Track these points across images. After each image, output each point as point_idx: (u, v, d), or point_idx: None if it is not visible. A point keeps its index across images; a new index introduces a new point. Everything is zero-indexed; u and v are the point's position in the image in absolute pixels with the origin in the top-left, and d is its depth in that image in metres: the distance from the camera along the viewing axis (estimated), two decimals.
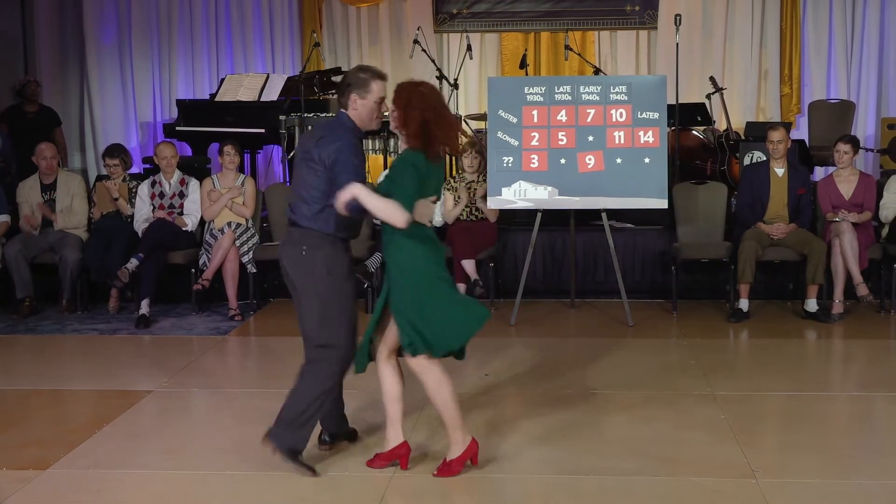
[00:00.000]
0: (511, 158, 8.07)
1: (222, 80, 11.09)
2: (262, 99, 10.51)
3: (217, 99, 10.76)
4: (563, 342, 7.23)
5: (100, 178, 9.43)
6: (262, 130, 10.39)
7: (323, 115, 10.19)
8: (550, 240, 9.01)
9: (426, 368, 4.83)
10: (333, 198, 4.72)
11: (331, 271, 4.95)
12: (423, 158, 4.77)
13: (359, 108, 4.99)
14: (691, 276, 8.92)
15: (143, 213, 8.74)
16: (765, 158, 8.71)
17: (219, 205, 8.71)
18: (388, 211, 4.62)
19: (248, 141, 10.39)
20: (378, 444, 5.22)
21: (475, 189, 8.60)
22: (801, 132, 11.80)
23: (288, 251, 5.04)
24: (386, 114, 5.00)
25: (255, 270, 8.66)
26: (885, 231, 8.49)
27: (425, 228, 4.83)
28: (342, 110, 5.01)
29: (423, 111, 4.81)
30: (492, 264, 8.64)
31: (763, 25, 12.25)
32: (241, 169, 9.21)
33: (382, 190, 4.77)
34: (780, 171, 8.34)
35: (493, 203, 8.18)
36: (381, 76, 5.10)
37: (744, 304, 8.16)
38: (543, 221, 8.22)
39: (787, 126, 9.74)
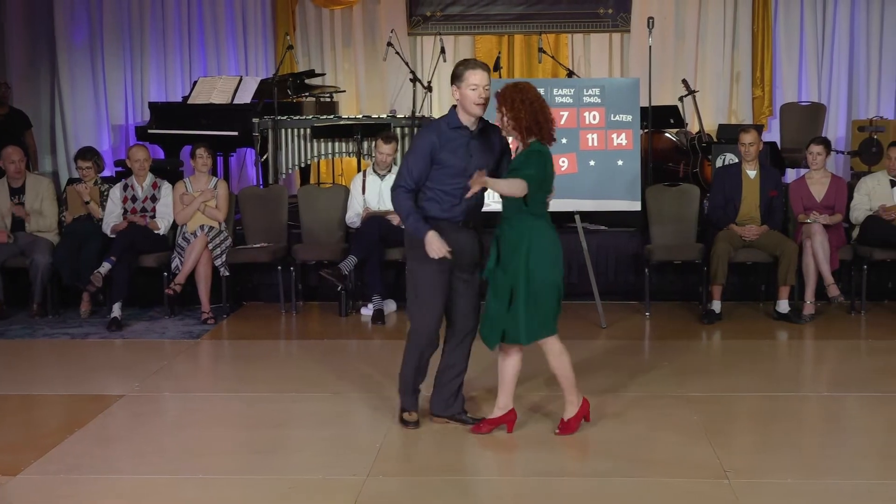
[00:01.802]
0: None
1: (195, 82, 11.04)
2: (235, 101, 10.47)
3: (190, 101, 10.71)
4: (535, 344, 7.21)
5: (71, 181, 9.37)
6: (236, 133, 10.35)
7: (297, 117, 10.16)
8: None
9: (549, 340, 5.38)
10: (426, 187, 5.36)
11: (422, 258, 5.36)
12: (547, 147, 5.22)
13: (459, 98, 5.33)
14: (664, 278, 8.94)
15: (114, 215, 8.69)
16: (737, 160, 8.75)
17: (191, 208, 8.67)
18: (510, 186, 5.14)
19: (221, 144, 10.36)
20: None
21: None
22: (772, 134, 11.87)
23: None
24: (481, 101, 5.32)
25: (228, 274, 8.62)
26: (855, 232, 8.54)
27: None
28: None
29: (530, 105, 5.15)
30: None
31: (735, 28, 12.32)
32: (213, 172, 9.18)
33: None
34: (752, 173, 8.38)
35: None
36: (476, 65, 5.38)
37: (716, 305, 8.19)
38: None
39: (759, 128, 9.75)
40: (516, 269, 5.24)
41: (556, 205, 7.92)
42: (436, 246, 5.28)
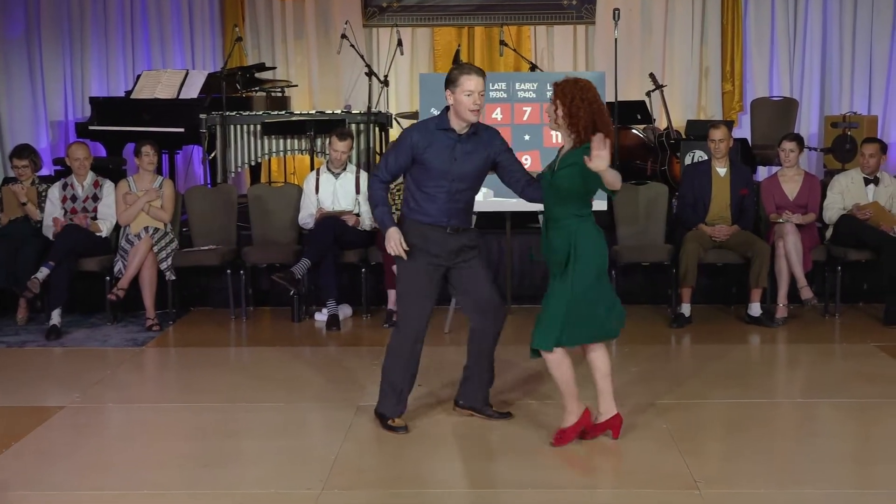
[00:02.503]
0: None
1: (139, 76, 10.99)
2: (181, 96, 10.43)
3: (133, 96, 10.66)
4: (498, 350, 7.21)
5: (7, 180, 9.26)
6: (182, 130, 10.31)
7: (246, 113, 10.13)
8: (485, 244, 9.02)
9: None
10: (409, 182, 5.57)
11: (407, 252, 5.52)
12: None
13: (453, 103, 5.44)
14: (631, 280, 8.99)
15: (53, 216, 8.62)
16: (706, 158, 8.81)
17: (135, 208, 8.62)
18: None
19: (167, 141, 10.30)
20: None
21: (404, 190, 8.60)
22: (743, 130, 11.97)
23: None
24: (476, 107, 5.43)
25: (174, 278, 8.58)
26: (829, 232, 8.63)
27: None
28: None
29: (590, 105, 5.18)
30: None
31: (704, 20, 12.42)
32: (158, 170, 9.11)
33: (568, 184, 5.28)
34: (721, 170, 8.44)
35: None
36: (471, 70, 5.46)
37: (686, 308, 8.25)
38: (478, 224, 8.23)
39: (729, 124, 9.87)
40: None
41: (518, 204, 8.00)
42: (394, 242, 5.48)
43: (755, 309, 8.24)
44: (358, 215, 8.66)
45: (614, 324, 5.47)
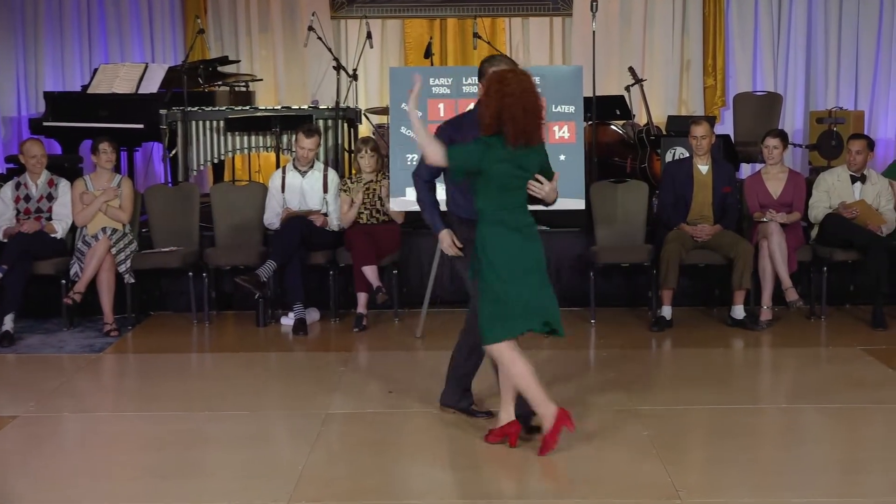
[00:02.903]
0: (416, 156, 8.05)
1: (95, 70, 10.93)
2: (140, 91, 10.38)
3: (90, 91, 10.60)
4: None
5: None
6: (141, 126, 10.26)
7: (209, 108, 10.09)
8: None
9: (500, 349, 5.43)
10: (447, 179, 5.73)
11: (462, 249, 5.74)
12: (493, 142, 5.27)
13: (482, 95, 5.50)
14: (610, 282, 9.01)
15: (4, 217, 8.56)
16: (688, 155, 8.84)
17: (92, 208, 8.57)
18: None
19: (125, 137, 10.24)
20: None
21: (375, 189, 8.59)
22: (725, 126, 12.01)
23: None
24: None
25: (133, 281, 8.53)
26: (814, 232, 8.66)
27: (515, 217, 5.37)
28: None
29: (502, 98, 5.22)
30: (395, 271, 8.64)
31: (685, 12, 12.46)
32: (117, 169, 9.08)
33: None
34: (703, 168, 8.47)
35: (396, 204, 8.17)
36: (500, 62, 5.64)
37: (666, 311, 8.27)
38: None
39: (711, 120, 9.89)
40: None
41: None
42: (446, 244, 5.77)
43: (738, 311, 8.27)
44: (326, 215, 8.65)
45: (520, 323, 5.44)
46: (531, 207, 5.46)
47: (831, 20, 12.27)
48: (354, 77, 10.61)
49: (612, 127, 10.58)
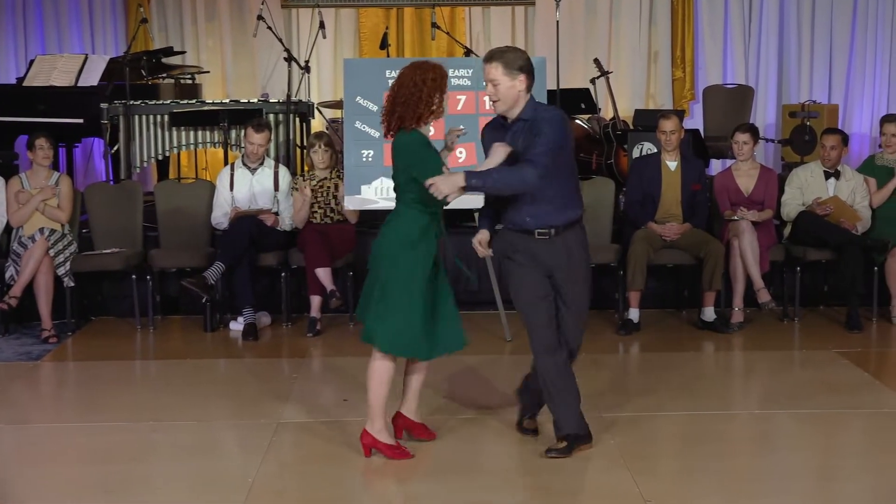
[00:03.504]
0: (371, 152, 8.08)
1: (31, 61, 10.85)
2: (79, 84, 10.31)
3: (25, 84, 10.51)
4: (431, 360, 7.25)
5: None
6: (81, 121, 10.19)
7: (153, 102, 10.05)
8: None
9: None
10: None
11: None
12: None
13: None
14: None
15: None
16: (655, 150, 8.89)
17: (28, 208, 8.52)
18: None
19: (64, 133, 10.18)
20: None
21: (329, 187, 8.59)
22: (695, 121, 12.10)
23: None
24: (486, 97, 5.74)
25: (73, 284, 8.49)
26: (787, 230, 8.73)
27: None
28: None
29: (394, 91, 5.39)
30: (350, 273, 8.63)
31: (652, 1, 12.53)
32: (55, 166, 9.03)
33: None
34: (672, 164, 8.52)
35: (351, 203, 8.18)
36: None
37: (634, 314, 8.31)
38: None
39: (680, 114, 9.95)
40: None
41: (454, 202, 7.98)
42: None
43: (709, 313, 8.32)
44: (277, 214, 8.64)
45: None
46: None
47: (804, 10, 12.38)
48: (306, 69, 10.60)
49: (577, 121, 10.62)
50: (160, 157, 10.17)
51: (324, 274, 8.27)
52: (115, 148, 9.90)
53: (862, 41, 12.44)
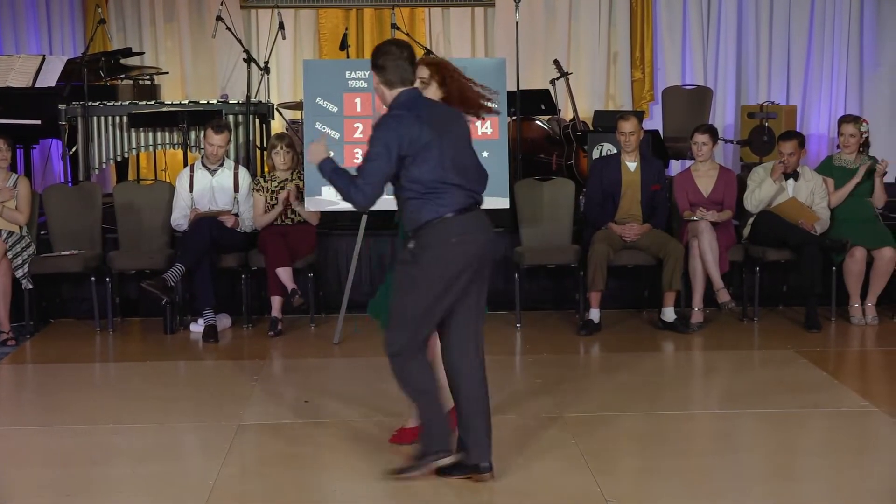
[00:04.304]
0: (331, 153, 8.04)
1: None
2: (37, 85, 10.23)
3: None
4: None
5: None
6: (38, 122, 10.11)
7: (111, 103, 9.99)
8: (378, 246, 9.03)
9: None
10: None
11: None
12: None
13: None
14: (536, 284, 9.06)
15: None
16: (615, 151, 8.91)
17: None
18: None
19: (21, 134, 10.11)
20: None
21: (290, 189, 8.56)
22: (654, 122, 12.15)
23: (492, 239, 5.46)
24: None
25: (31, 286, 8.43)
26: (746, 231, 8.77)
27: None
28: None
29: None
30: (311, 274, 8.61)
31: (612, 3, 12.60)
32: (12, 167, 8.97)
33: None
34: (632, 164, 8.55)
35: (312, 204, 8.16)
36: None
37: (594, 314, 8.33)
38: (370, 225, 8.22)
39: (640, 115, 9.99)
40: None
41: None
42: None
43: (669, 314, 8.35)
44: (237, 215, 8.60)
45: None
46: None
47: (762, 12, 12.46)
48: (266, 70, 10.56)
49: (537, 122, 10.64)
50: (119, 159, 10.10)
51: (284, 274, 8.24)
52: (74, 149, 9.84)
53: (819, 42, 12.52)
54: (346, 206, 7.89)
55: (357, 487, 5.29)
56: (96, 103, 9.86)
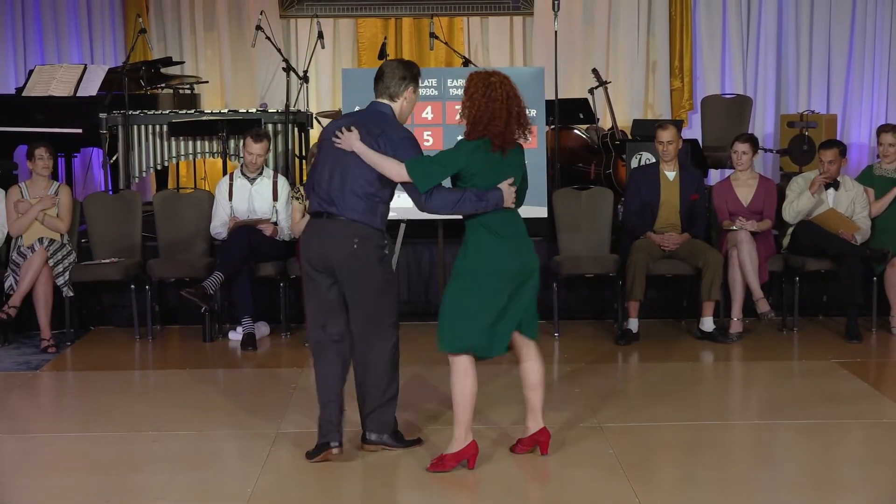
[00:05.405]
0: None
1: (31, 71, 10.85)
2: (78, 94, 10.31)
3: (25, 94, 10.51)
4: (429, 369, 7.24)
5: None
6: (80, 130, 10.19)
7: (151, 112, 10.05)
8: (416, 254, 9.04)
9: (453, 360, 5.50)
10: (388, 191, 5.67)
11: (382, 261, 5.69)
12: (479, 146, 5.46)
13: (409, 102, 5.77)
14: (575, 294, 9.04)
15: None
16: (654, 160, 8.88)
17: (28, 217, 8.52)
18: (388, 166, 5.45)
19: (63, 143, 10.17)
20: None
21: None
22: (693, 131, 12.09)
23: (337, 244, 5.56)
24: None
25: (72, 294, 8.49)
26: (786, 240, 8.73)
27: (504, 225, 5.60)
28: (382, 101, 5.72)
29: (487, 103, 5.45)
30: None
31: (650, 12, 12.54)
32: (54, 176, 9.03)
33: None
34: (670, 174, 8.52)
35: None
36: None
37: (633, 323, 8.31)
38: (408, 234, 8.24)
39: (679, 124, 9.95)
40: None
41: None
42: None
43: (707, 324, 8.32)
44: (276, 224, 8.63)
45: (478, 342, 5.49)
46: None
47: (802, 20, 12.39)
48: (305, 79, 10.60)
49: (576, 131, 10.63)
50: (159, 167, 10.17)
51: None
52: (114, 158, 9.90)
53: (860, 51, 12.44)
54: (392, 216, 7.95)
55: (391, 495, 5.30)
56: (137, 112, 9.93)
